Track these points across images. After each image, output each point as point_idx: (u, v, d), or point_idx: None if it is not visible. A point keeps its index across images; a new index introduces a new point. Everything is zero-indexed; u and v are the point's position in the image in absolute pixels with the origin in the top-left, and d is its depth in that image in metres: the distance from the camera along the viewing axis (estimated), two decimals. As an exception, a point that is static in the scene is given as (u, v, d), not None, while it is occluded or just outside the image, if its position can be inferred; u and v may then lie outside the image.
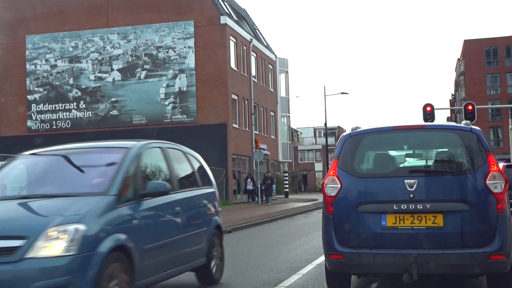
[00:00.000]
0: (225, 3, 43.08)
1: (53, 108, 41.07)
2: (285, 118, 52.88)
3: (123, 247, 6.00)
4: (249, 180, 38.97)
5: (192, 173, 8.46)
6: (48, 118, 41.07)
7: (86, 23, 40.90)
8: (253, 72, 44.79)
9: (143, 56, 40.17)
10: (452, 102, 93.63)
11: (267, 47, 50.74)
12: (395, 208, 6.32)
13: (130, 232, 6.17)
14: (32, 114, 41.29)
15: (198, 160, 8.77)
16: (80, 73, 40.96)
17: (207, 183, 8.73)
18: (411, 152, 7.24)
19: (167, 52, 39.77)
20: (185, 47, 39.44)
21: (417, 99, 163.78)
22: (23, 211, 6.10)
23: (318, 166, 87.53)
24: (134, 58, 40.27)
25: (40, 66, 41.51)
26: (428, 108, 28.14)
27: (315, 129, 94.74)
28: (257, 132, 44.67)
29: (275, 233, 17.16)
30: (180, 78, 39.33)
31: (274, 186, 42.14)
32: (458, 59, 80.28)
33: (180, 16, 39.68)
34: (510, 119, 49.46)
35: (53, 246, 5.40)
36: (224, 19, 39.17)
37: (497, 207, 6.16)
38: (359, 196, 6.50)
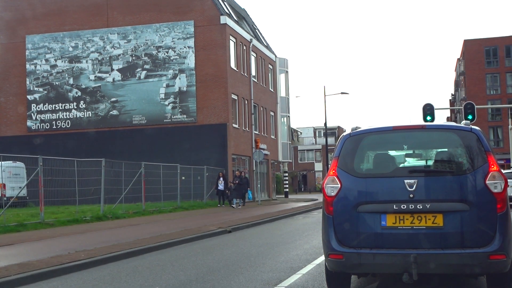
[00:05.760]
0: (225, 3, 43.06)
1: (53, 108, 41.06)
2: (285, 118, 52.87)
3: None
4: (220, 179, 34.87)
5: None
6: (48, 118, 41.06)
7: (86, 23, 40.91)
8: (253, 72, 44.76)
9: (143, 56, 40.16)
10: (452, 102, 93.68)
11: (267, 47, 50.71)
12: (395, 208, 6.32)
13: None
14: (32, 114, 41.28)
15: None
16: (80, 73, 40.96)
17: None
18: (411, 152, 7.21)
19: (167, 52, 39.77)
20: (185, 47, 39.44)
21: (417, 99, 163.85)
22: None
23: (318, 166, 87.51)
24: (134, 58, 40.27)
25: (40, 66, 41.51)
26: (428, 108, 28.14)
27: (315, 129, 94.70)
28: (257, 132, 44.64)
29: (275, 233, 17.14)
30: (180, 78, 39.33)
31: (249, 190, 36.76)
32: (458, 59, 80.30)
33: (180, 16, 39.68)
34: (510, 119, 49.53)
35: None
36: (224, 19, 39.16)
37: (497, 207, 6.16)
38: (359, 196, 6.50)
